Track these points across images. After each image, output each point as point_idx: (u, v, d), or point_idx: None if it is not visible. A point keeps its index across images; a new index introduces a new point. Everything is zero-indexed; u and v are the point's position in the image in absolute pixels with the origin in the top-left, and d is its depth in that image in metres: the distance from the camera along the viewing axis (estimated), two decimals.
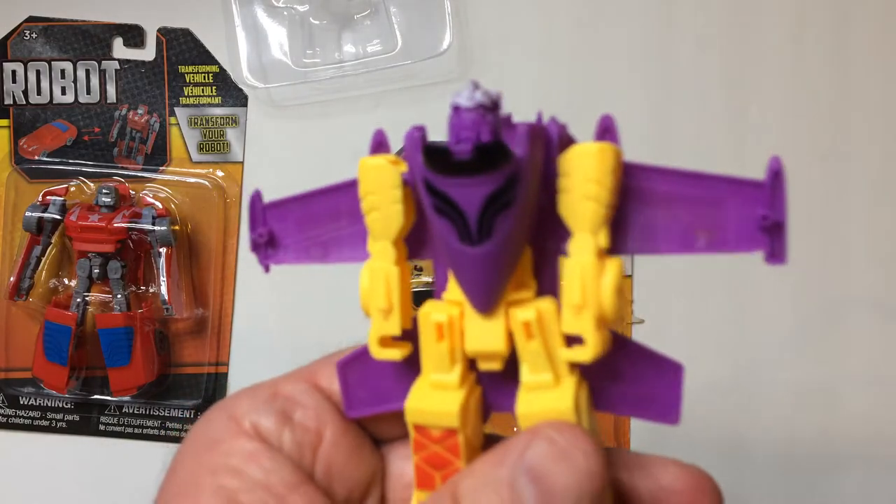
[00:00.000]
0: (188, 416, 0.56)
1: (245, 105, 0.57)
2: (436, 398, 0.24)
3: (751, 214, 0.21)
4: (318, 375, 0.28)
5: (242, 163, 0.56)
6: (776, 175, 0.21)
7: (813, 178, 0.56)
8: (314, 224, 0.26)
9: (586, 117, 0.62)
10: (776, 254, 0.22)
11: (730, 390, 0.55)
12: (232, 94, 0.57)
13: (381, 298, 0.24)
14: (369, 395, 0.26)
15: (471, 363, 0.24)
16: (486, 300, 0.23)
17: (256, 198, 0.27)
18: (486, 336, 0.23)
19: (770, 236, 0.21)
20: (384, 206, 0.24)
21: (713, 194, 0.22)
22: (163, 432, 0.56)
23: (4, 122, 0.56)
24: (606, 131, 0.23)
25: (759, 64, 0.57)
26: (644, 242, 0.23)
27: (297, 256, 0.27)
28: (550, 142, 0.23)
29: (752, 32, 0.57)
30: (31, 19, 0.57)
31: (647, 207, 0.22)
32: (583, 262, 0.22)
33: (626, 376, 0.24)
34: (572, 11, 0.57)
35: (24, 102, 0.56)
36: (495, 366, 0.24)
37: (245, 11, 0.57)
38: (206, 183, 0.56)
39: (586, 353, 0.22)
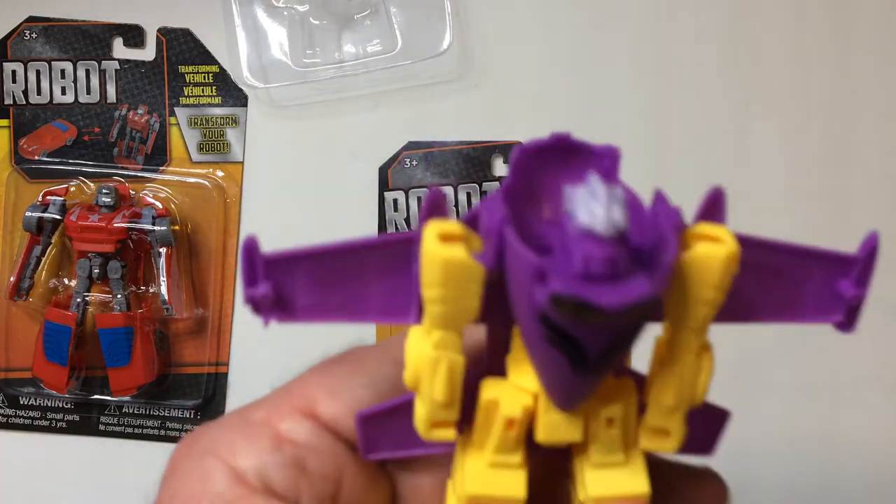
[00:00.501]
0: (188, 416, 0.56)
1: (245, 105, 0.57)
2: (498, 480, 0.22)
3: (834, 287, 0.21)
4: (316, 403, 0.24)
5: (242, 163, 0.56)
6: (871, 253, 0.20)
7: (813, 177, 0.56)
8: (333, 283, 0.22)
9: (587, 117, 0.62)
10: (850, 324, 0.21)
11: (730, 390, 0.55)
12: (232, 94, 0.57)
13: (441, 392, 0.20)
14: (391, 440, 0.24)
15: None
16: (576, 405, 0.21)
17: (252, 246, 0.21)
18: (563, 429, 0.21)
19: (848, 309, 0.21)
20: (458, 300, 0.19)
21: (800, 264, 0.21)
22: (163, 432, 0.56)
23: (4, 122, 0.56)
24: (715, 206, 0.20)
25: (761, 65, 0.57)
26: (731, 312, 0.21)
27: (311, 317, 0.22)
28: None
29: (753, 33, 0.57)
30: (31, 19, 0.57)
31: (737, 278, 0.20)
32: (682, 365, 0.20)
33: None
34: (572, 11, 0.57)
35: (24, 102, 0.56)
36: (560, 445, 0.22)
37: (245, 11, 0.57)
38: (206, 183, 0.56)
39: (671, 445, 0.21)
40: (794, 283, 0.21)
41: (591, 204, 0.16)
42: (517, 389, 0.21)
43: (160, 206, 0.55)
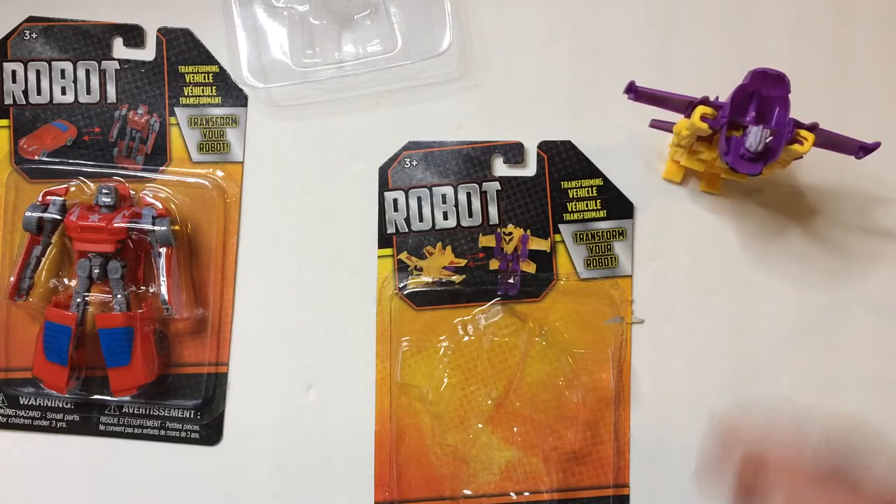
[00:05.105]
0: (188, 416, 0.56)
1: (245, 105, 0.57)
2: None
3: (856, 150, 0.50)
4: None
5: (242, 163, 0.57)
6: (872, 149, 0.50)
7: (813, 177, 0.57)
8: None
9: (587, 116, 0.62)
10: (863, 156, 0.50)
11: (730, 389, 0.55)
12: (232, 94, 0.57)
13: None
14: None
15: None
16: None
17: None
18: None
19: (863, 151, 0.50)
20: (692, 136, 0.50)
21: (842, 142, 0.50)
22: (163, 432, 0.56)
23: (4, 122, 0.56)
24: (812, 127, 0.49)
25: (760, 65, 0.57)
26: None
27: None
28: None
29: (752, 35, 0.57)
30: (31, 19, 0.57)
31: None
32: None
33: None
34: (571, 10, 0.57)
35: (24, 102, 0.56)
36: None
37: (245, 11, 0.57)
38: (206, 183, 0.56)
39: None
40: (837, 145, 0.50)
41: (753, 138, 0.47)
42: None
43: (160, 206, 0.55)
